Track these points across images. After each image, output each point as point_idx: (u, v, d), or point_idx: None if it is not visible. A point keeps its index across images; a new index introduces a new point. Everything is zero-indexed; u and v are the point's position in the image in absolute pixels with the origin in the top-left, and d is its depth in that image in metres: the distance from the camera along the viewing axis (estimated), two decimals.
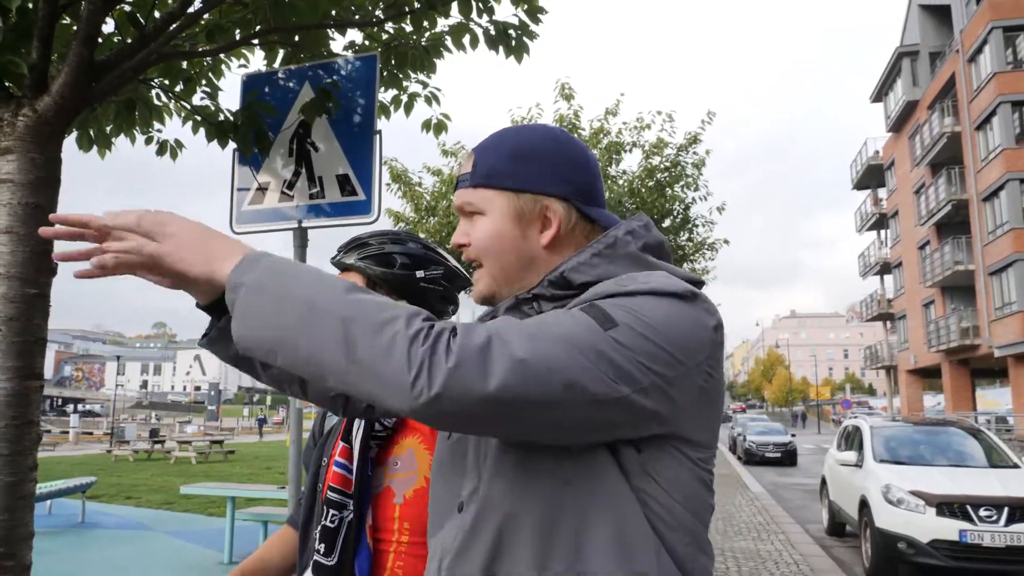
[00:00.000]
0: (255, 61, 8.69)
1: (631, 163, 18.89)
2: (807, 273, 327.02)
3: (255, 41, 3.47)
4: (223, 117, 3.55)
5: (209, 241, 1.00)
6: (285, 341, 0.90)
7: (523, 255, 1.08)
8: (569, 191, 1.08)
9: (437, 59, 3.67)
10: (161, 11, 3.10)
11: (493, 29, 3.50)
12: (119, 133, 3.66)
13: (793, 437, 24.50)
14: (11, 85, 2.66)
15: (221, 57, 3.68)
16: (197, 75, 3.67)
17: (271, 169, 3.49)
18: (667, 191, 12.49)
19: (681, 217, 13.17)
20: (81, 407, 69.23)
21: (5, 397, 2.44)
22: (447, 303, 1.62)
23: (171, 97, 3.68)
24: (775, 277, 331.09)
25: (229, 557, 7.80)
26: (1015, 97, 26.48)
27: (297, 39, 3.55)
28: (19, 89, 2.64)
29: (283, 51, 3.68)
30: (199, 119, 3.58)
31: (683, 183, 12.67)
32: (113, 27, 3.25)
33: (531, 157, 1.08)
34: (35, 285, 2.53)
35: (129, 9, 3.10)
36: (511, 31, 3.48)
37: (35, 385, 2.53)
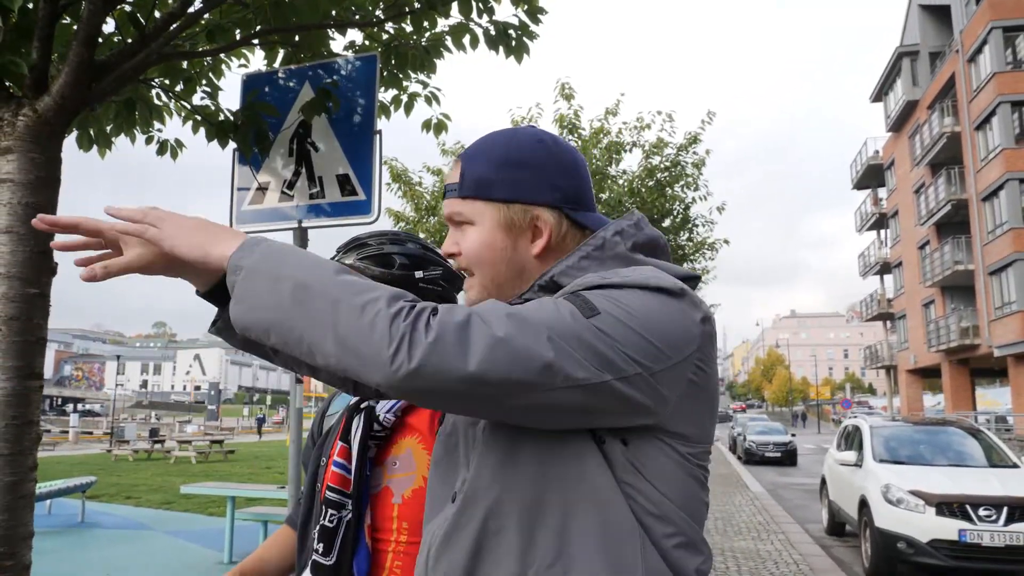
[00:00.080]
0: (255, 61, 8.68)
1: (631, 163, 18.93)
2: (807, 273, 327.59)
3: (255, 41, 3.47)
4: (223, 117, 3.55)
5: (208, 227, 1.03)
6: (278, 321, 0.93)
7: (514, 265, 1.08)
8: (558, 198, 1.07)
9: (437, 59, 3.67)
10: (161, 11, 3.11)
11: (493, 29, 3.50)
12: (119, 133, 3.66)
13: (793, 437, 24.51)
14: (11, 85, 2.66)
15: (221, 57, 3.69)
16: (197, 75, 3.67)
17: (271, 169, 3.49)
18: (667, 191, 12.47)
19: (681, 217, 13.15)
20: (81, 407, 69.24)
21: (5, 397, 2.44)
22: (446, 304, 1.62)
23: (171, 97, 3.68)
24: (775, 277, 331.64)
25: (229, 557, 7.80)
26: (1015, 97, 26.48)
27: (297, 39, 3.55)
28: (19, 89, 2.64)
29: (283, 51, 3.68)
30: (199, 119, 3.58)
31: (683, 183, 12.64)
32: (113, 27, 3.25)
33: (519, 165, 1.07)
34: (35, 285, 2.53)
35: (129, 9, 3.10)
36: (511, 31, 3.48)
37: (35, 385, 2.53)
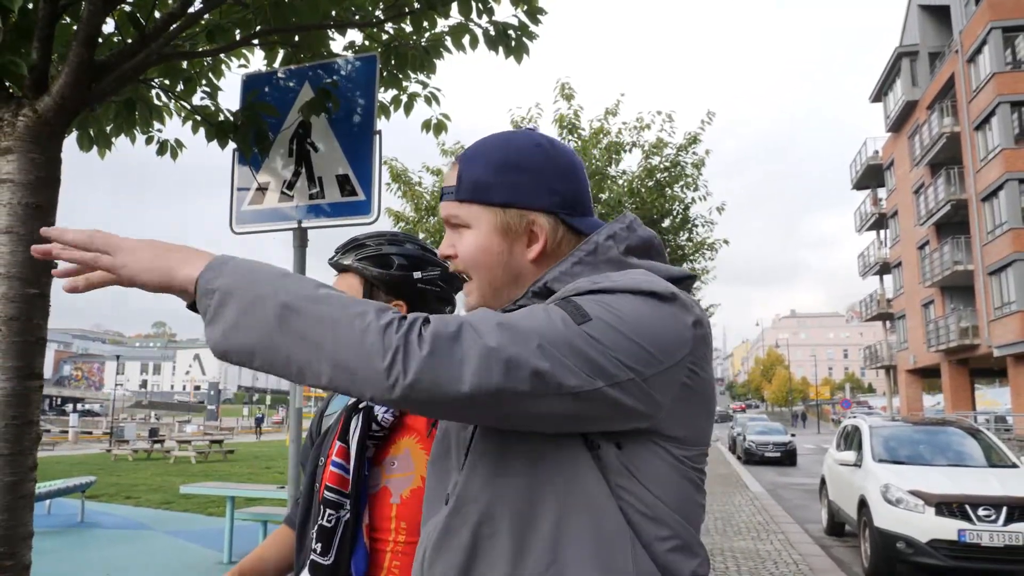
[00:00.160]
0: (255, 61, 8.67)
1: (631, 163, 18.90)
2: (807, 273, 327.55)
3: (255, 41, 3.48)
4: (223, 117, 3.56)
5: (167, 251, 0.99)
6: (263, 344, 0.90)
7: (510, 269, 1.08)
8: (555, 203, 1.07)
9: (437, 59, 3.68)
10: (161, 11, 3.11)
11: (493, 30, 3.50)
12: (119, 133, 3.67)
13: (793, 437, 24.52)
14: (11, 85, 2.66)
15: (221, 57, 3.69)
16: (197, 75, 3.68)
17: (271, 169, 3.49)
18: (667, 191, 12.47)
19: (681, 217, 13.15)
20: (80, 407, 69.21)
21: (5, 397, 2.45)
22: (444, 304, 1.62)
23: (171, 97, 3.69)
24: (775, 277, 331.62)
25: (228, 557, 7.80)
26: (1014, 97, 26.48)
27: (297, 39, 3.55)
28: (19, 89, 2.64)
29: (283, 51, 3.68)
30: (199, 119, 3.58)
31: (683, 183, 12.64)
32: (113, 27, 3.26)
33: (516, 169, 1.06)
34: (35, 285, 2.54)
35: (129, 9, 3.10)
36: (511, 32, 3.49)
37: (35, 385, 2.53)
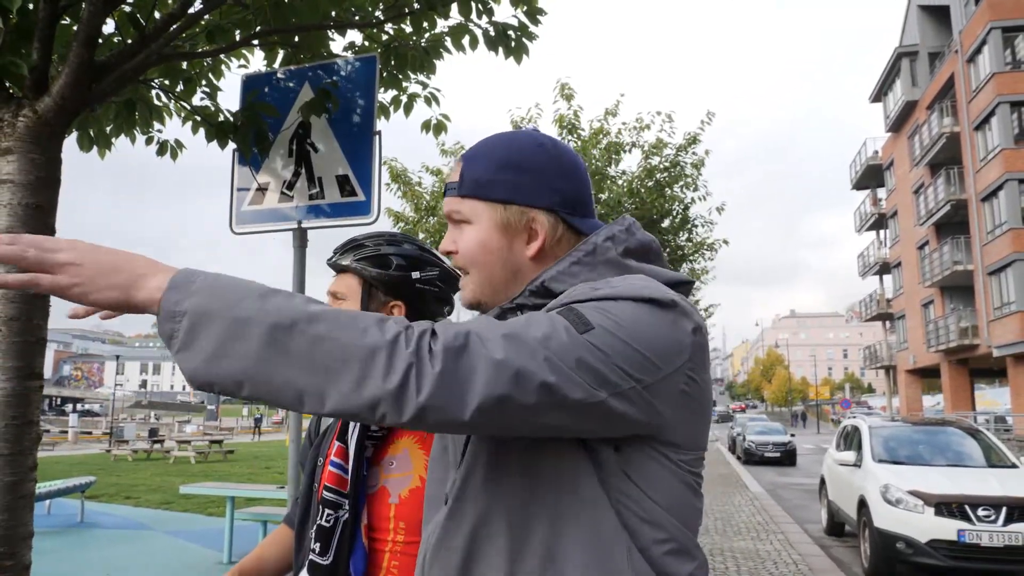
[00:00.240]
0: (255, 61, 8.68)
1: (630, 163, 18.91)
2: (807, 273, 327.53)
3: (255, 42, 3.48)
4: (223, 117, 3.56)
5: (118, 263, 0.87)
6: (252, 371, 0.82)
7: (509, 266, 1.08)
8: (556, 201, 1.07)
9: (437, 60, 3.68)
10: (161, 12, 3.11)
11: (492, 30, 3.51)
12: (119, 133, 3.67)
13: (792, 437, 24.53)
14: (12, 86, 2.66)
15: (221, 58, 3.69)
16: (197, 75, 3.68)
17: (271, 169, 3.50)
18: (666, 191, 12.48)
19: (680, 217, 13.17)
20: (80, 407, 69.20)
21: (5, 397, 2.45)
22: (443, 304, 1.63)
23: (171, 97, 3.69)
24: (775, 277, 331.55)
25: (228, 557, 7.80)
26: (1014, 97, 26.48)
27: (297, 40, 3.56)
28: (20, 90, 2.65)
29: (283, 52, 3.69)
30: (199, 119, 3.58)
31: (682, 183, 12.66)
32: (113, 28, 3.26)
33: (518, 167, 1.07)
34: None
35: (129, 10, 3.10)
36: (510, 32, 3.49)
37: (35, 385, 2.53)
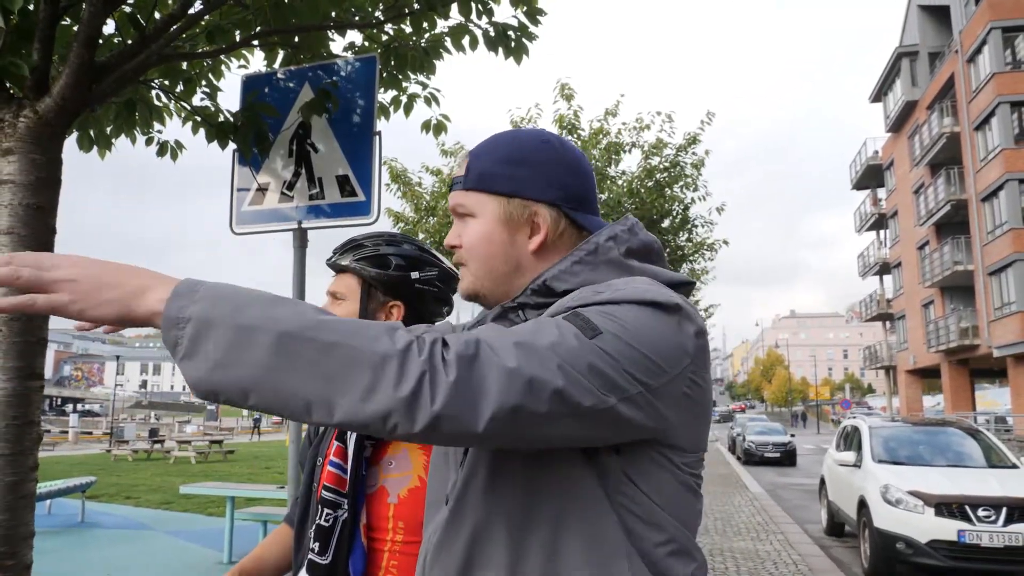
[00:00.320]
0: (255, 62, 8.68)
1: (630, 163, 18.91)
2: (807, 273, 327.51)
3: (255, 42, 3.48)
4: (223, 118, 3.56)
5: (118, 277, 0.86)
6: (259, 380, 0.81)
7: (511, 259, 1.09)
8: (559, 196, 1.08)
9: (436, 60, 3.68)
10: (161, 12, 3.12)
11: (492, 30, 3.51)
12: (119, 134, 3.67)
13: (792, 437, 24.53)
14: (12, 86, 2.67)
15: (221, 58, 3.69)
16: (197, 76, 3.68)
17: (271, 170, 3.50)
18: (666, 191, 12.49)
19: (680, 217, 13.17)
20: (80, 407, 69.21)
21: (6, 397, 2.45)
22: (442, 304, 1.63)
23: (171, 98, 3.69)
24: (775, 277, 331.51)
25: (228, 557, 7.81)
26: (1014, 97, 26.48)
27: (297, 40, 3.56)
28: (20, 90, 2.65)
29: (283, 52, 3.69)
30: (199, 120, 3.59)
31: (682, 183, 12.67)
32: (114, 28, 3.26)
33: (523, 162, 1.08)
34: None
35: (129, 11, 3.10)
36: (510, 32, 3.49)
37: (36, 385, 2.54)
